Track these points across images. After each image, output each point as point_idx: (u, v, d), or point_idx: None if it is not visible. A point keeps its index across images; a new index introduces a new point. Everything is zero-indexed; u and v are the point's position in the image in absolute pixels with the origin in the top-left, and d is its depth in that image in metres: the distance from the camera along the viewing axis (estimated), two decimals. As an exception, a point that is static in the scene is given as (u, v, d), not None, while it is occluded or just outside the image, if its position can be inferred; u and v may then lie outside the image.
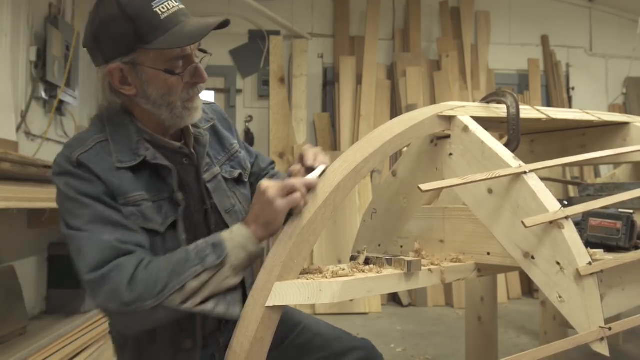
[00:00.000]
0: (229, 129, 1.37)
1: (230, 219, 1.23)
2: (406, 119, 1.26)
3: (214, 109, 1.37)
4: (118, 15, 1.04)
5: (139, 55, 1.07)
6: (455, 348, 3.03)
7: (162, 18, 1.06)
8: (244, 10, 5.06)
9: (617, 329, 1.01)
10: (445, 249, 1.33)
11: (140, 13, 1.04)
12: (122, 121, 1.14)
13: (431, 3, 5.38)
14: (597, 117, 1.81)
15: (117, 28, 1.05)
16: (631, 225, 1.28)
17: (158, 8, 1.06)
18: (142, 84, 1.09)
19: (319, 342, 1.30)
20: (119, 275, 0.98)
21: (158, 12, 1.06)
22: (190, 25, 1.09)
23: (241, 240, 1.05)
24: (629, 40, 5.38)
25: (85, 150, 1.08)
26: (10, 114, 3.15)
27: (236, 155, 1.34)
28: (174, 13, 1.08)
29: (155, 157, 1.12)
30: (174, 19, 1.08)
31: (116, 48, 1.07)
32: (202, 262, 1.01)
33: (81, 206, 1.04)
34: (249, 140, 5.17)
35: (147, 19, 1.04)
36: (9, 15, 3.22)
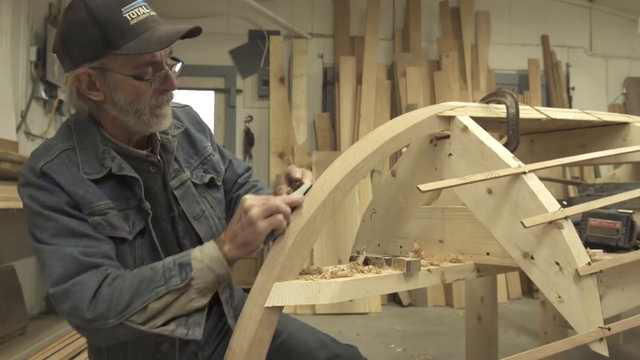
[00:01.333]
0: (202, 132, 1.35)
1: (200, 225, 1.23)
2: (406, 119, 1.26)
3: (187, 112, 1.36)
4: (87, 20, 1.03)
5: (108, 60, 1.06)
6: (455, 348, 3.03)
7: (132, 24, 1.05)
8: (244, 10, 5.06)
9: (616, 329, 1.01)
10: (445, 249, 1.33)
11: (110, 18, 1.04)
12: (89, 129, 1.12)
13: (431, 3, 5.38)
14: (597, 117, 1.80)
15: (86, 33, 1.04)
16: (631, 225, 1.28)
17: (128, 14, 1.05)
18: (110, 90, 1.08)
19: (303, 349, 1.30)
20: (81, 292, 0.98)
21: (127, 18, 1.05)
22: (160, 31, 1.07)
23: (210, 262, 1.03)
24: (629, 40, 5.38)
25: (50, 160, 1.07)
26: (10, 114, 3.15)
27: (209, 158, 1.32)
28: (144, 19, 1.07)
29: (121, 167, 1.11)
30: (144, 25, 1.06)
31: (84, 53, 1.06)
32: (166, 283, 1.00)
33: (45, 219, 1.03)
34: (249, 140, 5.18)
35: (116, 24, 1.04)
36: (9, 15, 3.22)
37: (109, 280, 1.00)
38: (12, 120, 3.18)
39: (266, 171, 5.03)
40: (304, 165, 4.68)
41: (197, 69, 5.09)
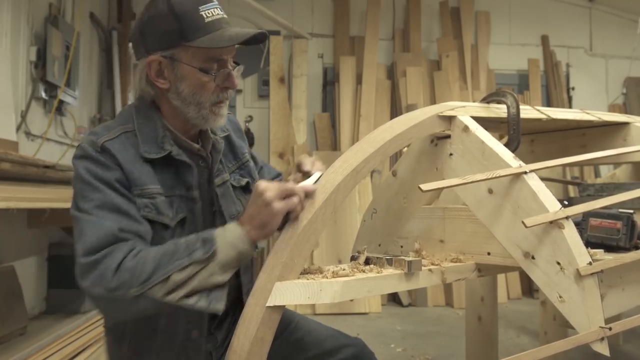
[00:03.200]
0: (241, 139, 1.41)
1: None
2: (406, 119, 1.26)
3: (230, 119, 1.41)
4: (167, 12, 1.12)
5: (179, 51, 1.13)
6: (455, 348, 3.03)
7: (206, 21, 1.13)
8: (244, 10, 5.06)
9: (617, 329, 1.01)
10: (446, 249, 1.33)
11: (187, 13, 1.12)
12: (150, 115, 1.18)
13: (431, 3, 5.38)
14: (597, 117, 1.81)
15: (164, 24, 1.12)
16: (631, 225, 1.28)
17: (204, 12, 1.14)
18: (176, 80, 1.15)
19: (311, 339, 1.31)
20: (108, 262, 1.00)
21: (203, 15, 1.13)
22: (230, 31, 1.16)
23: (233, 238, 1.05)
24: (629, 40, 5.38)
25: (111, 138, 1.12)
26: (10, 114, 3.15)
27: (246, 164, 1.38)
28: (217, 19, 1.16)
29: (179, 153, 1.17)
30: (217, 24, 1.15)
31: (159, 42, 1.13)
32: (189, 255, 1.02)
33: (93, 190, 1.07)
34: (249, 140, 5.16)
35: (192, 19, 1.12)
36: (9, 15, 3.22)
37: (134, 252, 1.03)
38: (12, 120, 3.18)
39: (266, 171, 5.02)
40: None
41: (197, 69, 5.08)
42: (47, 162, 2.79)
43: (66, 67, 3.79)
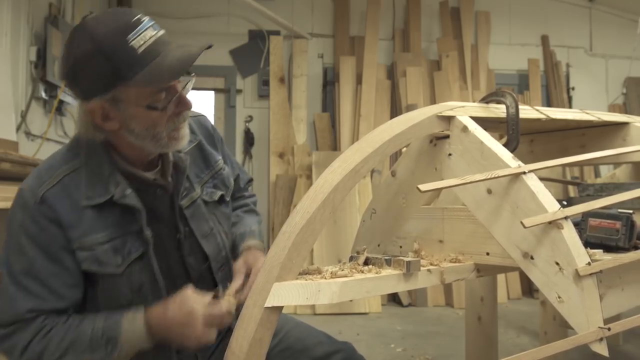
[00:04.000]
0: (214, 145, 1.34)
1: (207, 242, 1.24)
2: (405, 119, 1.26)
3: (201, 122, 1.34)
4: (93, 52, 1.01)
5: (120, 92, 1.04)
6: (455, 348, 3.03)
7: (140, 52, 1.02)
8: (244, 10, 5.06)
9: (616, 329, 1.01)
10: (445, 249, 1.32)
11: (116, 49, 1.01)
12: (97, 150, 1.12)
13: (431, 3, 5.38)
14: (597, 117, 1.80)
15: (94, 66, 1.02)
16: (631, 225, 1.28)
17: (134, 42, 1.02)
18: (125, 119, 1.07)
19: (301, 347, 1.31)
20: (17, 339, 1.04)
21: (134, 46, 1.02)
22: (170, 57, 1.05)
23: (137, 340, 1.07)
24: (629, 40, 5.38)
25: (52, 185, 1.07)
26: (10, 114, 3.15)
27: (219, 172, 1.32)
28: (152, 44, 1.04)
29: (124, 195, 1.10)
30: (153, 51, 1.04)
31: (95, 86, 1.04)
32: (91, 352, 1.05)
33: (21, 252, 1.05)
34: (249, 140, 5.18)
35: (123, 55, 1.01)
36: (9, 15, 3.22)
37: (43, 332, 1.04)
38: (12, 120, 3.18)
39: (266, 171, 5.03)
40: (304, 165, 4.69)
41: (197, 69, 5.01)
42: (46, 162, 2.79)
43: (66, 67, 3.79)
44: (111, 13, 1.07)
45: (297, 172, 4.68)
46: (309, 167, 4.67)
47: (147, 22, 1.05)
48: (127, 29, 1.02)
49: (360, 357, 1.35)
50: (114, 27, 1.02)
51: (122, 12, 1.06)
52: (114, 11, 1.08)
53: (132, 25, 1.03)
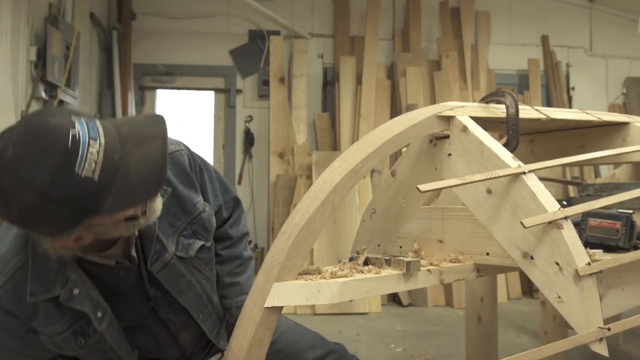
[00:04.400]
0: (191, 184, 1.20)
1: (185, 297, 1.19)
2: (405, 119, 1.26)
3: (175, 161, 1.19)
4: (41, 203, 0.83)
5: (92, 219, 0.91)
6: (455, 348, 3.03)
7: (97, 179, 0.86)
8: (244, 10, 5.06)
9: (616, 329, 1.01)
10: (445, 249, 1.32)
11: (69, 190, 0.84)
12: None
13: (431, 3, 5.38)
14: (597, 117, 1.80)
15: (49, 214, 0.86)
16: (630, 225, 1.28)
17: (85, 171, 0.84)
18: (100, 233, 0.97)
19: (293, 349, 1.32)
20: None
21: (87, 176, 0.84)
22: (135, 167, 0.89)
23: None
24: (629, 40, 5.37)
25: (4, 282, 1.01)
26: (10, 114, 3.15)
27: (199, 217, 1.20)
28: (104, 161, 0.86)
29: (71, 296, 1.02)
30: (110, 171, 0.87)
31: (57, 228, 0.89)
32: None
33: None
34: (249, 140, 5.17)
35: (80, 192, 0.85)
36: (9, 15, 3.22)
37: None
38: (12, 120, 3.17)
39: (266, 171, 5.03)
40: (304, 165, 4.69)
41: (197, 69, 5.09)
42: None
43: (66, 67, 3.79)
44: (34, 144, 0.83)
45: (297, 172, 4.68)
46: (309, 167, 4.67)
47: (84, 133, 0.86)
48: (67, 158, 0.83)
49: (352, 357, 1.36)
50: (50, 165, 0.82)
51: (49, 137, 0.84)
52: (36, 138, 0.84)
53: (72, 151, 0.84)
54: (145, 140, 0.93)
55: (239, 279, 1.33)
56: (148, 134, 0.94)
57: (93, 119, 0.91)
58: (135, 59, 4.92)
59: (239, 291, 1.31)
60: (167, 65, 5.05)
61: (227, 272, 1.32)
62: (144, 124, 0.96)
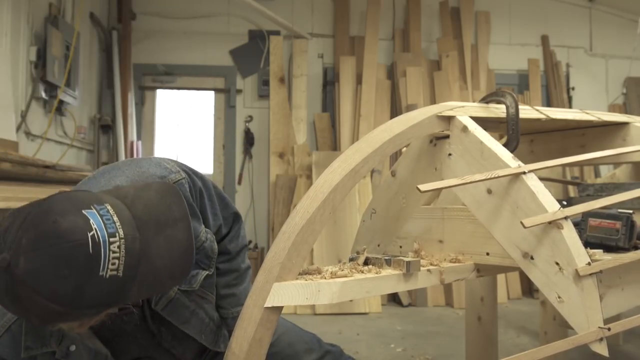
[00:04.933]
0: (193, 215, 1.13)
1: (189, 326, 1.18)
2: (405, 119, 1.26)
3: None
4: (66, 310, 0.81)
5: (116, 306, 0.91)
6: (455, 348, 3.03)
7: (122, 275, 0.83)
8: (244, 10, 5.06)
9: (616, 329, 1.01)
10: (445, 249, 1.32)
11: (95, 294, 0.81)
12: None
13: (431, 3, 5.38)
14: (597, 117, 1.80)
15: (72, 316, 0.84)
16: (631, 225, 1.28)
17: (108, 272, 0.81)
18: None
19: (291, 352, 1.33)
20: None
21: (112, 274, 0.82)
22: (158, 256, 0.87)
23: None
24: (629, 40, 5.37)
25: (0, 335, 0.99)
26: (10, 114, 3.15)
27: (202, 246, 1.18)
28: (126, 257, 0.84)
29: (68, 353, 0.99)
30: (133, 263, 0.85)
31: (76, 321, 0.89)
32: None
33: None
34: (249, 140, 5.18)
35: (106, 292, 0.83)
36: (9, 15, 3.22)
37: None
38: (12, 120, 3.18)
39: (266, 171, 5.03)
40: (304, 165, 4.69)
41: (197, 69, 5.09)
42: (47, 162, 2.79)
43: (66, 67, 3.79)
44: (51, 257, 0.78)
45: (297, 172, 4.68)
46: (309, 167, 4.67)
47: (102, 231, 0.82)
48: (91, 265, 0.80)
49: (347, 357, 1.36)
50: (74, 276, 0.79)
51: (67, 246, 0.79)
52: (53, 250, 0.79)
53: (95, 257, 0.80)
54: (167, 224, 0.90)
55: (235, 290, 1.31)
56: (169, 216, 0.91)
57: (103, 203, 0.86)
58: (135, 59, 4.92)
59: (235, 302, 1.29)
60: (167, 65, 5.05)
61: (224, 284, 1.30)
62: (160, 202, 0.92)
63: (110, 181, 1.07)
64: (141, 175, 1.07)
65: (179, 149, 5.28)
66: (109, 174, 1.10)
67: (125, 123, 4.73)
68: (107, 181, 1.07)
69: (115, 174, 1.08)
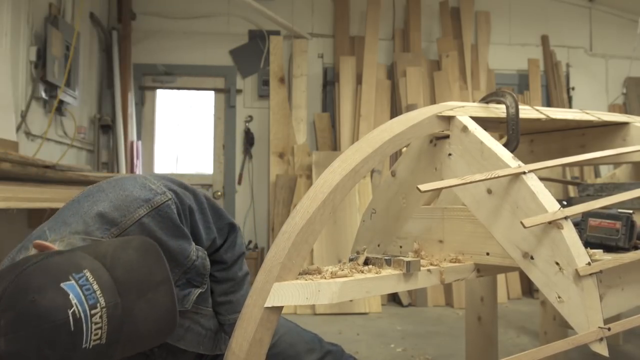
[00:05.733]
0: (181, 236, 1.12)
1: (184, 342, 1.17)
2: (405, 119, 1.26)
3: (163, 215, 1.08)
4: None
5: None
6: (455, 348, 3.03)
7: (105, 342, 0.81)
8: (244, 10, 5.06)
9: (616, 329, 1.01)
10: (445, 249, 1.32)
11: None
12: None
13: (431, 3, 5.38)
14: (597, 117, 1.80)
15: None
16: (630, 225, 1.28)
17: (91, 343, 0.79)
18: None
19: (293, 352, 1.34)
20: None
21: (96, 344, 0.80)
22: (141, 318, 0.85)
23: None
24: (629, 40, 5.38)
25: None
26: (10, 114, 3.15)
27: (193, 265, 1.15)
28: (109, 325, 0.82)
29: None
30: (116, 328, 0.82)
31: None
32: None
33: None
34: (249, 140, 5.18)
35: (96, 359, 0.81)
36: (9, 15, 3.22)
37: None
38: (12, 120, 3.18)
39: (266, 171, 5.03)
40: (304, 165, 4.69)
41: (197, 69, 5.09)
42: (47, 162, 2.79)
43: (66, 67, 3.79)
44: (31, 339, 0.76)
45: (297, 172, 4.68)
46: (309, 167, 4.67)
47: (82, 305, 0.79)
48: (73, 341, 0.78)
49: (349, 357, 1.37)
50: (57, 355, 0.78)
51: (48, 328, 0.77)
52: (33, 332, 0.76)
53: (77, 333, 0.78)
54: (148, 288, 0.88)
55: (232, 297, 1.29)
56: (150, 280, 0.89)
57: (81, 270, 0.83)
58: (135, 59, 4.92)
59: (232, 310, 1.28)
60: (167, 65, 5.05)
61: (220, 292, 1.28)
62: (141, 264, 0.90)
63: (93, 206, 1.03)
64: (125, 199, 1.04)
65: (179, 149, 5.28)
66: (92, 197, 1.06)
67: (125, 123, 4.73)
68: (90, 206, 1.04)
69: (99, 197, 1.05)
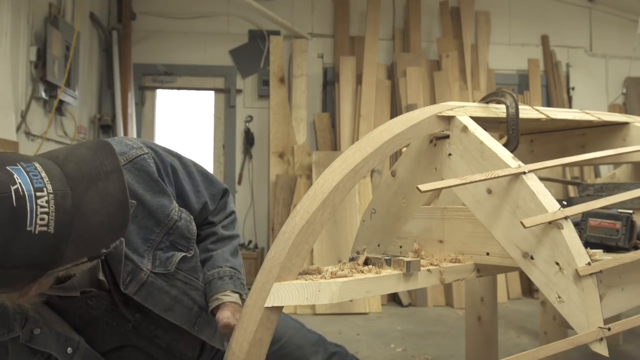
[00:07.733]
0: (161, 190, 1.09)
1: (173, 314, 1.13)
2: (405, 119, 1.26)
3: (139, 168, 1.07)
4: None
5: (52, 271, 0.83)
6: (455, 348, 3.03)
7: (53, 231, 0.78)
8: (244, 10, 5.06)
9: (616, 330, 1.01)
10: (445, 249, 1.32)
11: (25, 252, 0.76)
12: None
13: (431, 3, 5.38)
14: (597, 117, 1.80)
15: (5, 279, 0.79)
16: (631, 225, 1.28)
17: (39, 227, 0.77)
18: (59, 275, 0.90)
19: (299, 354, 1.35)
20: None
21: (42, 230, 0.77)
22: (92, 210, 0.82)
23: None
24: (629, 40, 5.38)
25: None
26: (10, 114, 3.15)
27: (175, 226, 1.11)
28: (57, 212, 0.79)
29: (32, 337, 0.97)
30: (65, 220, 0.79)
31: (16, 288, 0.83)
32: None
33: None
34: (249, 140, 5.17)
35: (38, 249, 0.77)
36: (9, 15, 3.22)
37: None
38: (12, 120, 3.18)
39: (266, 171, 5.03)
40: (304, 165, 4.69)
41: (197, 68, 5.09)
42: (46, 162, 2.79)
43: (66, 67, 3.79)
44: None
45: (297, 172, 4.68)
46: (309, 167, 4.67)
47: (27, 185, 0.77)
48: (16, 219, 0.76)
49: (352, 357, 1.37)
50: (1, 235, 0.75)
51: None
52: None
53: (20, 210, 0.76)
54: (99, 177, 0.85)
55: (213, 252, 1.24)
56: (100, 170, 0.86)
57: (30, 162, 0.81)
58: (135, 59, 4.92)
59: (211, 265, 1.21)
60: (167, 65, 5.05)
61: (204, 248, 1.25)
62: (92, 157, 0.87)
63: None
64: None
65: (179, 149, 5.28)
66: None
67: (125, 123, 4.73)
68: None
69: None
